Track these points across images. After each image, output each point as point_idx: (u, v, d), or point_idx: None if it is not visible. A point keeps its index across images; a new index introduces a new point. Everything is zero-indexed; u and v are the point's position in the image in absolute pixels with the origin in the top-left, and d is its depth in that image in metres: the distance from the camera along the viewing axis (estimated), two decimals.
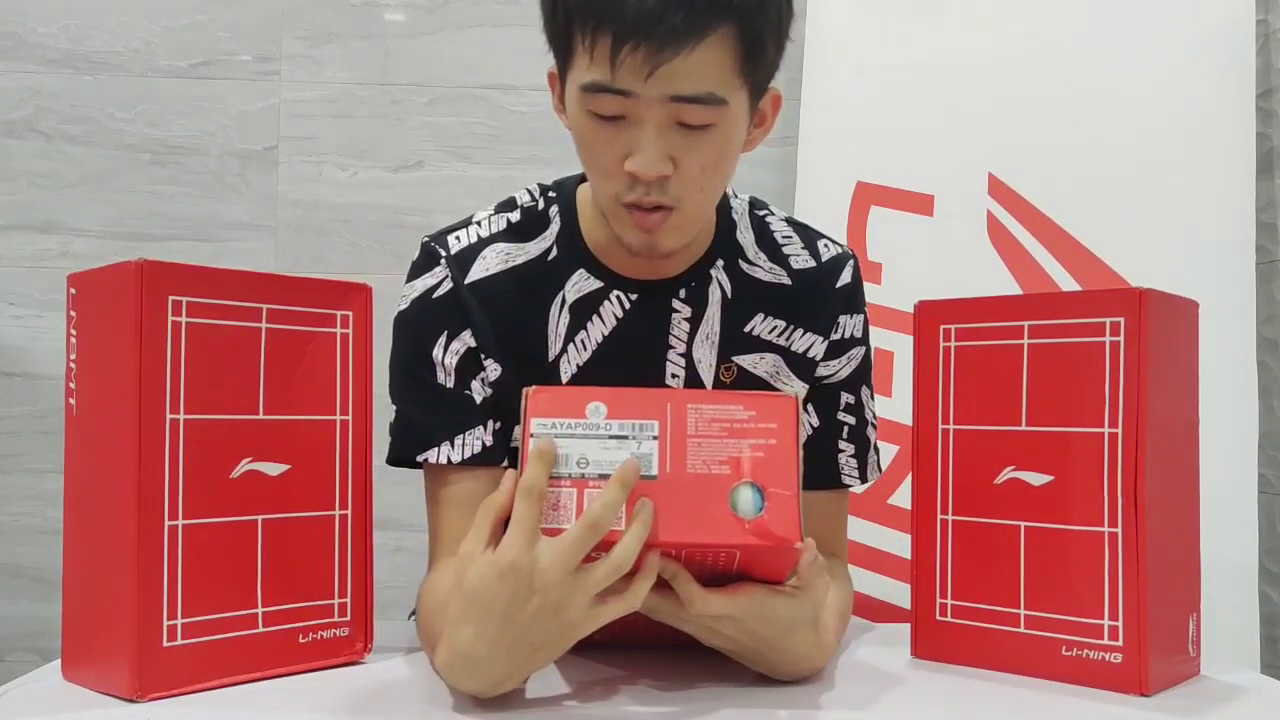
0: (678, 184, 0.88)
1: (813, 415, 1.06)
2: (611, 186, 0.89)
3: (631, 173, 0.86)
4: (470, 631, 0.73)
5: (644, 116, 0.85)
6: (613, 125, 0.86)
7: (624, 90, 0.83)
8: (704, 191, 0.90)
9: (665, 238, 0.91)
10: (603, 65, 0.83)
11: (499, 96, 1.97)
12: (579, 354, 0.99)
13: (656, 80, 0.82)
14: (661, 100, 0.83)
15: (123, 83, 1.94)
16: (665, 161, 0.86)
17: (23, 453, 1.93)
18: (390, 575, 1.54)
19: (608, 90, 0.84)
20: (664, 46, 0.80)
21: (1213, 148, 1.67)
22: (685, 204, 0.89)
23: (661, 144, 0.85)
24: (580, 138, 0.90)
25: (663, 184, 0.87)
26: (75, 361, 0.83)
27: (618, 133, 0.86)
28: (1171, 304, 0.88)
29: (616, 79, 0.82)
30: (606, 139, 0.87)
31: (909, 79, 1.74)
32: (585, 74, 0.85)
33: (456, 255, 1.00)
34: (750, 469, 0.76)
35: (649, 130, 0.85)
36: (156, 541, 0.79)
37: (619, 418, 0.77)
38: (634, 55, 0.81)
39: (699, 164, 0.87)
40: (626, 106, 0.85)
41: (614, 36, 0.81)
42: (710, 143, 0.87)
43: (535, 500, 0.73)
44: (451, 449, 0.97)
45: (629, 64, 0.81)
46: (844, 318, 1.05)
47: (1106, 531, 0.84)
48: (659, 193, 0.88)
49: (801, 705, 0.81)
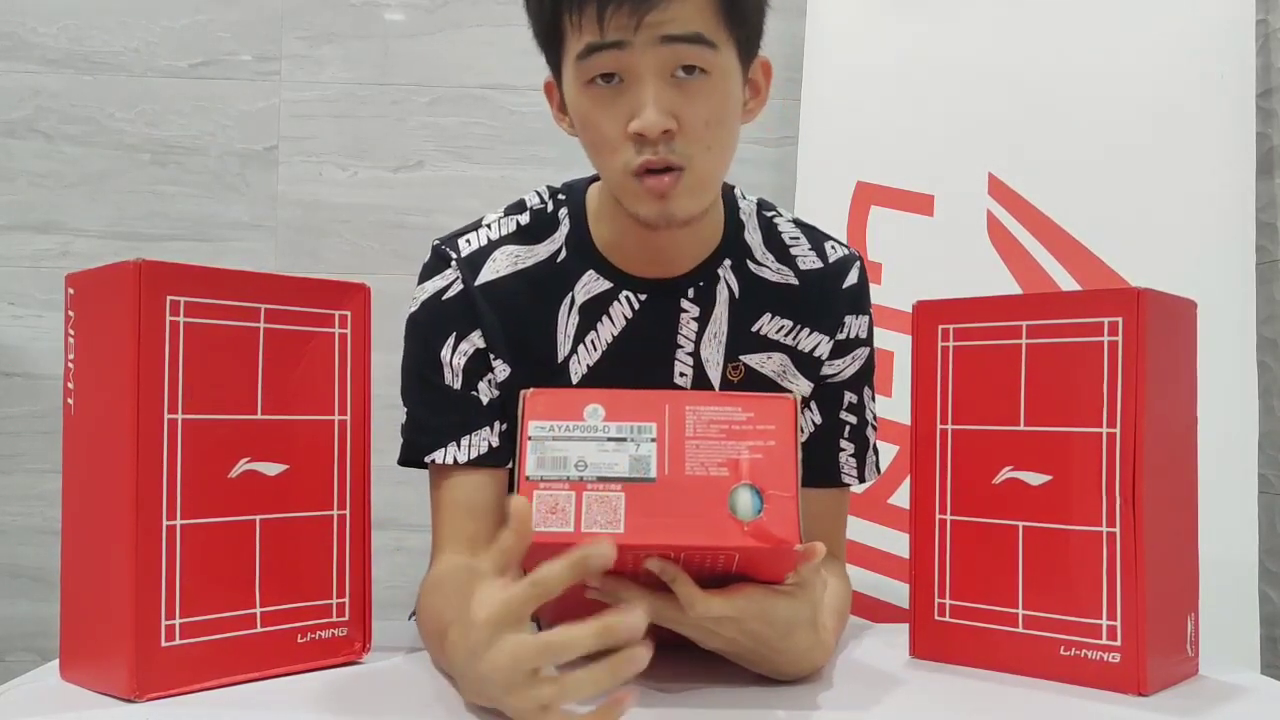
0: (683, 141, 0.89)
1: (815, 413, 1.06)
2: (620, 158, 0.90)
3: (637, 132, 0.87)
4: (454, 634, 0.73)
5: (640, 70, 0.87)
6: (612, 92, 0.88)
7: (616, 41, 0.86)
8: (711, 149, 0.91)
9: (679, 202, 0.91)
10: (592, 27, 0.86)
11: (499, 96, 1.97)
12: (589, 354, 1.00)
13: (645, 28, 0.85)
14: (654, 45, 0.86)
15: (123, 83, 1.94)
16: (667, 116, 0.87)
17: (23, 453, 1.93)
18: (389, 575, 1.54)
19: (601, 48, 0.87)
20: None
21: (1213, 148, 1.67)
22: (695, 162, 0.90)
23: (662, 99, 0.87)
24: (583, 119, 0.91)
25: (669, 141, 0.88)
26: (74, 361, 0.83)
27: (617, 97, 0.88)
28: (1169, 304, 0.88)
29: (606, 34, 0.86)
30: (607, 107, 0.89)
31: (909, 79, 1.74)
32: (577, 44, 0.88)
33: (467, 258, 1.01)
34: (749, 471, 0.75)
35: (647, 85, 0.87)
36: (155, 541, 0.79)
37: (617, 420, 0.77)
38: (619, 10, 0.85)
39: (701, 118, 0.89)
40: (622, 61, 0.87)
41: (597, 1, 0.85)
42: (708, 95, 0.89)
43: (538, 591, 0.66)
44: (458, 449, 0.98)
45: (615, 20, 0.85)
46: (850, 318, 1.06)
47: (1105, 531, 0.84)
48: (666, 150, 0.89)
49: (800, 705, 0.81)
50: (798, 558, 0.76)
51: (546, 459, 0.76)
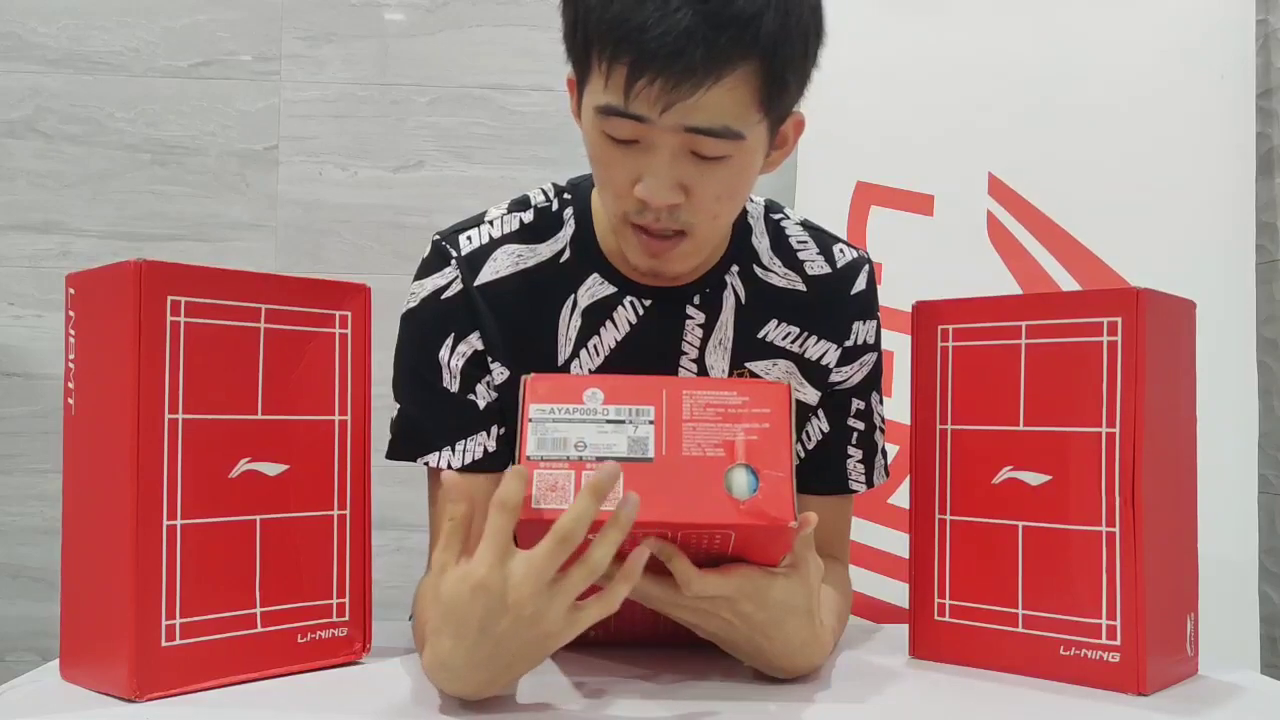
0: (689, 211, 0.87)
1: (823, 420, 1.05)
2: (621, 206, 0.88)
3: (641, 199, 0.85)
4: (448, 643, 0.74)
5: (657, 143, 0.83)
6: (625, 147, 0.85)
7: (638, 116, 0.82)
8: (717, 218, 0.90)
9: (673, 263, 0.91)
10: (617, 91, 0.81)
11: (499, 96, 1.97)
12: (591, 359, 0.99)
13: (674, 112, 0.80)
14: (675, 130, 0.82)
15: (123, 83, 1.94)
16: (676, 190, 0.85)
17: (23, 453, 1.93)
18: (389, 575, 1.54)
19: (622, 115, 0.82)
20: (681, 82, 0.78)
21: (1213, 148, 1.67)
22: (697, 230, 0.89)
23: (674, 172, 0.84)
24: (593, 154, 0.89)
25: (673, 211, 0.86)
26: (74, 361, 0.83)
27: (630, 155, 0.85)
28: (1169, 304, 0.88)
29: (631, 106, 0.81)
30: (618, 159, 0.86)
31: (909, 79, 1.74)
32: (600, 96, 0.83)
33: (468, 256, 0.99)
34: (744, 452, 0.77)
35: (661, 158, 0.84)
36: (155, 541, 0.79)
37: (616, 403, 0.78)
38: (650, 87, 0.79)
39: (713, 193, 0.86)
40: (640, 131, 0.83)
41: (630, 66, 0.79)
42: (725, 172, 0.86)
43: (509, 514, 0.72)
44: (452, 454, 0.97)
45: (644, 95, 0.80)
46: (858, 324, 1.05)
47: (1104, 531, 0.84)
48: (669, 219, 0.87)
49: (799, 704, 0.81)
50: (793, 536, 0.77)
51: (547, 439, 0.77)
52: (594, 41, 0.82)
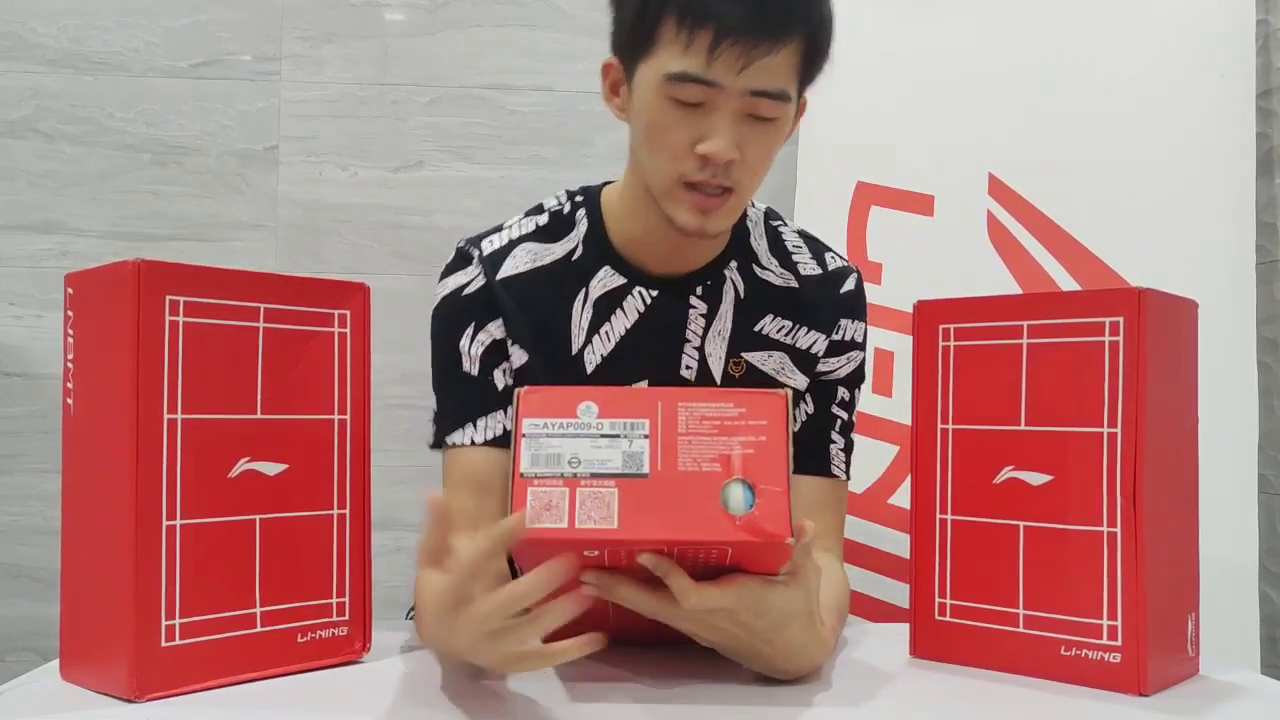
0: (740, 169, 0.96)
1: (809, 404, 1.11)
2: (678, 167, 0.96)
3: (704, 155, 0.94)
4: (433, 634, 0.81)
5: (722, 106, 0.93)
6: (690, 111, 0.94)
7: (713, 82, 0.92)
8: (756, 177, 1.00)
9: (717, 219, 0.99)
10: (698, 57, 0.91)
11: (499, 96, 1.97)
12: (603, 345, 1.06)
13: (746, 75, 0.91)
14: (742, 93, 0.93)
15: (123, 83, 1.94)
16: (735, 148, 0.94)
17: (23, 453, 1.93)
18: (389, 575, 1.54)
19: (699, 80, 0.92)
20: (757, 44, 0.91)
21: (1213, 148, 1.66)
22: (742, 187, 0.98)
23: (734, 132, 0.94)
24: (651, 120, 0.96)
25: (728, 168, 0.95)
26: (73, 361, 0.83)
27: (693, 118, 0.94)
28: (1170, 304, 0.88)
29: (710, 71, 0.91)
30: (680, 123, 0.95)
31: (909, 80, 1.74)
32: (675, 63, 0.92)
33: (489, 255, 1.08)
34: (740, 466, 0.76)
35: (725, 118, 0.94)
36: (154, 541, 0.79)
37: (610, 416, 0.77)
38: (731, 50, 0.90)
39: (759, 153, 0.97)
40: (709, 95, 0.93)
41: (715, 32, 0.90)
42: (770, 134, 0.97)
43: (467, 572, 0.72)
44: (474, 430, 1.03)
45: (725, 58, 0.91)
46: (845, 321, 1.12)
47: (1105, 531, 0.84)
48: (724, 175, 0.96)
49: (799, 704, 0.81)
50: (790, 551, 0.76)
51: (540, 456, 0.76)
52: (675, 13, 0.92)
